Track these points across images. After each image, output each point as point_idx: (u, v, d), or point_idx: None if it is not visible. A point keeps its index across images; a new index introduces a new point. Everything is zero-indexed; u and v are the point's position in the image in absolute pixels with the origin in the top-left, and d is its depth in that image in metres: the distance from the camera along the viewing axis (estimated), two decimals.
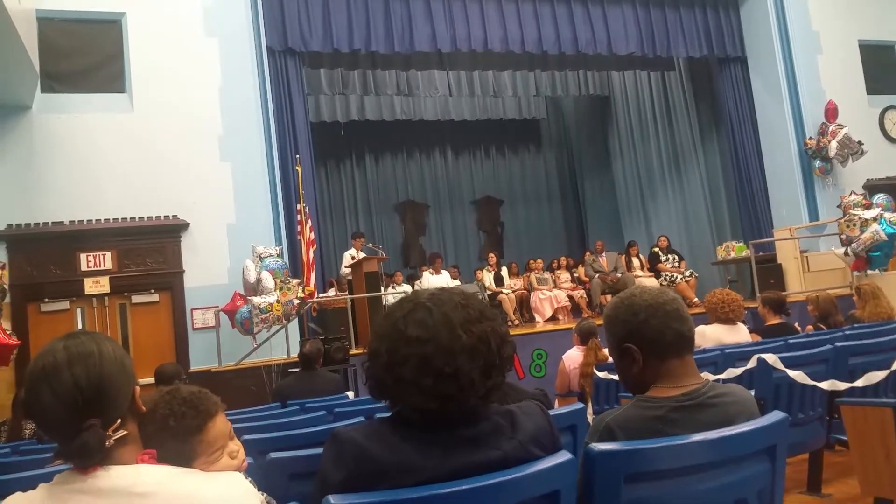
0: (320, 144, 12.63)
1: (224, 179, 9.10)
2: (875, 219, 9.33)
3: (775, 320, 5.57)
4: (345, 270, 10.60)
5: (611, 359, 5.89)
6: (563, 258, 12.86)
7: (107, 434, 1.30)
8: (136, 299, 8.75)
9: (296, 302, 8.40)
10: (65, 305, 8.48)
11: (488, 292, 11.38)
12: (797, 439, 3.76)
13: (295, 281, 8.54)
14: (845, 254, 9.43)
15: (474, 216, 16.18)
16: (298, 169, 9.30)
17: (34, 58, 7.72)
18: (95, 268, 8.58)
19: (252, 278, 8.37)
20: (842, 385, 3.74)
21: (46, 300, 8.40)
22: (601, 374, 5.21)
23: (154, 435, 1.54)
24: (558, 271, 12.23)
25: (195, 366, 8.45)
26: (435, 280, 11.27)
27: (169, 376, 4.83)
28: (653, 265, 11.83)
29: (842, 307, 6.45)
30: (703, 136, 14.08)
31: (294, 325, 8.92)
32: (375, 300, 9.22)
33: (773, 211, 12.34)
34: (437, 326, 1.44)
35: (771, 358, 3.75)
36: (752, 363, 3.92)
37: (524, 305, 11.76)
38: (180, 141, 8.94)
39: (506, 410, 1.53)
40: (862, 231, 9.32)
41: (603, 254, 11.96)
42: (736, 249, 11.59)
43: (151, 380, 5.06)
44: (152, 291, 8.82)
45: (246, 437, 2.50)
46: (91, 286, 8.52)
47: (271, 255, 8.58)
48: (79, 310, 8.54)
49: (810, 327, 6.23)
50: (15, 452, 3.89)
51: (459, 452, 1.41)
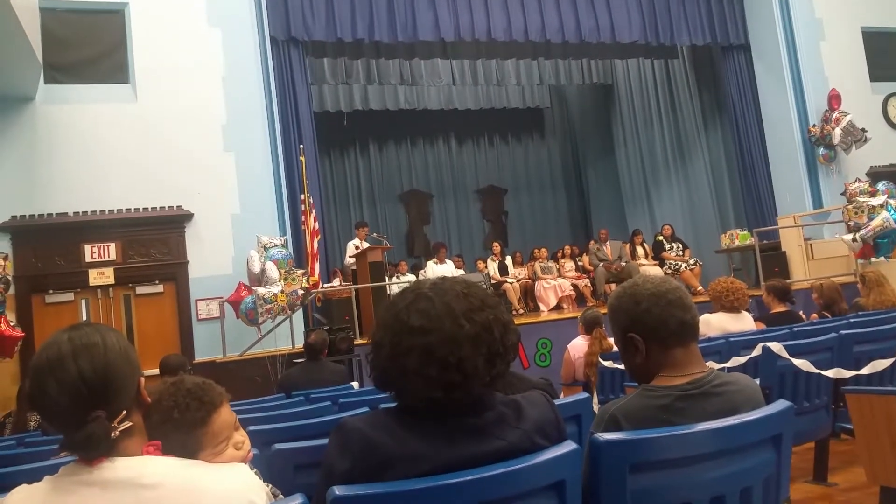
0: (324, 134, 12.63)
1: (228, 169, 9.10)
2: (882, 205, 9.31)
3: (780, 308, 5.56)
4: (349, 260, 10.61)
5: (616, 348, 5.90)
6: (568, 247, 12.84)
7: (112, 425, 1.31)
8: (141, 290, 8.77)
9: (300, 292, 8.40)
10: (69, 297, 8.51)
11: (493, 281, 11.38)
12: (803, 428, 3.76)
13: (299, 271, 8.54)
14: (853, 240, 9.40)
15: (478, 205, 16.17)
16: (302, 159, 9.30)
17: (37, 49, 7.71)
18: (100, 259, 8.59)
19: (256, 269, 8.37)
20: (847, 373, 3.73)
21: (51, 291, 8.42)
22: (606, 364, 5.21)
23: (159, 426, 1.54)
24: (562, 260, 12.22)
25: (200, 357, 8.47)
26: (439, 270, 11.26)
27: (174, 367, 4.83)
28: (657, 254, 11.81)
29: (846, 295, 6.44)
30: (707, 124, 14.03)
31: (298, 316, 8.93)
32: (380, 290, 9.22)
33: (777, 198, 12.30)
34: (440, 316, 1.43)
35: (776, 346, 3.74)
36: (757, 351, 3.92)
37: (528, 295, 11.75)
38: (184, 131, 8.94)
39: (511, 400, 1.52)
40: (870, 218, 9.30)
41: (607, 242, 11.93)
42: (740, 237, 11.56)
43: (156, 371, 5.07)
44: (157, 282, 8.83)
45: (251, 428, 2.49)
46: (95, 277, 8.53)
47: (276, 245, 8.58)
48: (83, 301, 8.56)
49: (815, 315, 6.22)
50: (20, 444, 3.91)
51: (465, 442, 1.41)
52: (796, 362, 3.69)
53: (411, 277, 10.91)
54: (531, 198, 16.48)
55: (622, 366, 5.04)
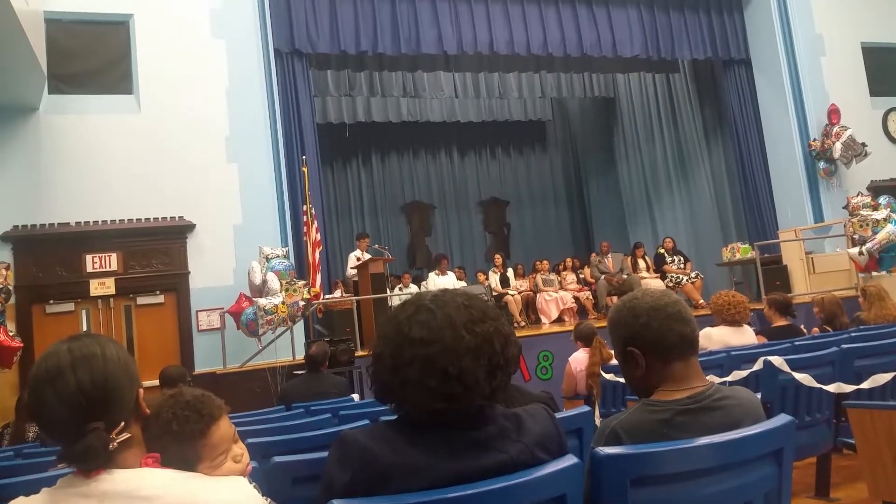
0: (327, 145, 12.67)
1: (230, 180, 9.11)
2: (886, 219, 9.33)
3: (781, 322, 5.56)
4: (350, 271, 10.60)
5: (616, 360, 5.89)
6: (569, 259, 12.84)
7: (110, 437, 1.30)
8: (142, 301, 8.76)
9: (301, 303, 8.40)
10: (70, 307, 8.50)
11: (494, 293, 11.37)
12: (804, 442, 3.73)
13: (301, 282, 8.54)
14: (860, 253, 9.41)
15: (480, 217, 16.20)
16: (305, 170, 9.32)
17: (42, 59, 7.75)
18: (101, 269, 8.59)
19: (258, 280, 8.37)
20: (848, 387, 3.72)
21: (51, 302, 8.42)
22: (608, 377, 5.19)
23: (157, 438, 1.53)
24: (564, 273, 12.22)
25: (200, 368, 8.46)
26: (440, 281, 11.26)
27: (173, 379, 4.82)
28: (658, 266, 11.80)
29: (847, 309, 6.42)
30: (708, 138, 14.06)
31: (300, 327, 8.92)
32: (381, 301, 9.21)
33: (778, 212, 12.31)
34: (441, 327, 1.43)
35: (777, 360, 3.73)
36: (758, 365, 3.90)
37: (530, 307, 11.74)
38: (187, 142, 8.96)
39: (512, 413, 1.52)
40: (874, 231, 9.32)
41: (609, 255, 11.93)
42: (741, 251, 11.56)
43: (156, 382, 5.06)
44: (157, 293, 8.83)
45: (250, 441, 2.49)
46: (96, 287, 8.53)
47: (277, 256, 8.59)
48: (84, 311, 8.56)
49: (816, 329, 6.20)
50: (18, 456, 3.89)
51: (465, 455, 1.41)
52: (798, 376, 3.68)
53: (415, 289, 10.90)
54: (533, 210, 16.50)
55: (623, 380, 5.04)
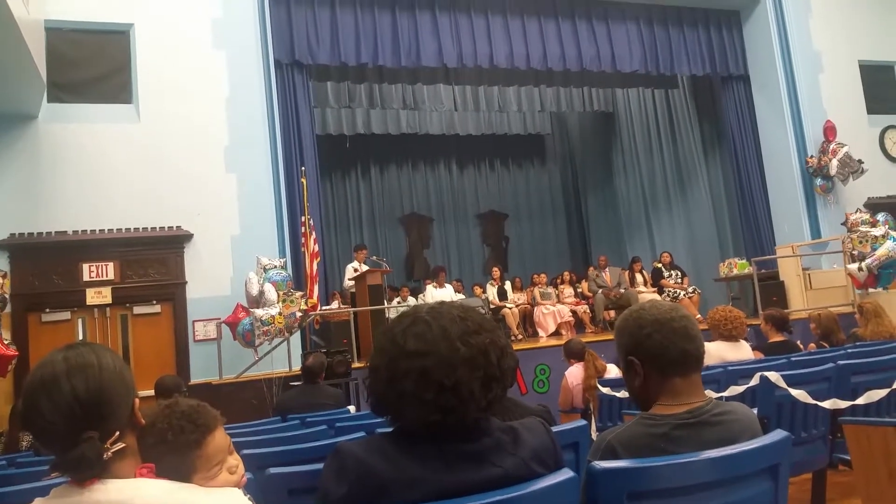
0: (326, 157, 12.68)
1: (229, 191, 9.12)
2: (884, 236, 9.37)
3: (778, 338, 5.55)
4: (348, 283, 10.59)
5: (613, 373, 5.88)
6: (567, 273, 12.84)
7: (105, 446, 1.30)
8: (138, 310, 8.74)
9: (298, 314, 8.38)
10: (66, 316, 8.47)
11: (492, 306, 11.36)
12: (800, 458, 3.73)
13: (298, 293, 8.52)
14: (859, 269, 9.42)
15: (479, 230, 16.20)
16: (304, 181, 9.33)
17: (41, 67, 7.76)
18: (98, 278, 8.58)
19: (254, 291, 8.36)
20: (844, 403, 3.71)
21: (48, 310, 8.39)
22: (605, 390, 5.18)
23: (152, 448, 1.53)
24: (562, 286, 12.22)
25: (195, 378, 8.42)
26: (438, 294, 11.25)
27: (169, 389, 4.81)
28: (656, 281, 11.81)
29: (844, 325, 6.43)
30: (707, 153, 14.11)
31: (296, 338, 8.90)
32: (378, 313, 9.20)
33: (776, 228, 12.35)
34: (436, 339, 1.43)
35: (773, 376, 3.72)
36: (755, 381, 3.90)
37: (527, 320, 11.73)
38: (186, 152, 8.97)
39: (508, 426, 1.52)
40: (874, 248, 9.35)
41: (606, 269, 11.95)
42: (738, 266, 11.57)
43: (151, 392, 5.04)
44: (154, 302, 8.81)
45: (245, 452, 2.48)
46: (93, 296, 8.51)
47: (275, 267, 8.58)
48: (80, 320, 8.53)
49: (812, 345, 6.21)
50: (11, 465, 3.87)
51: (461, 468, 1.40)
52: (794, 392, 3.68)
53: (413, 302, 10.89)
54: (531, 223, 16.52)
55: (620, 393, 5.04)
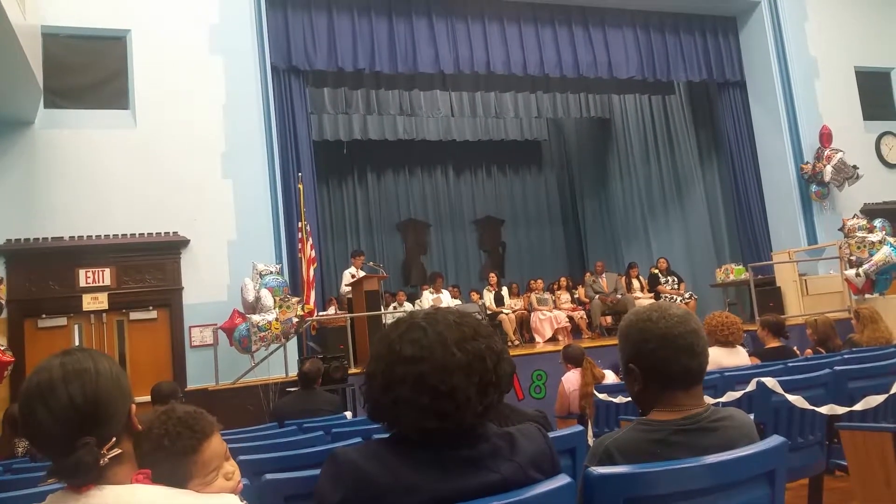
0: (323, 163, 12.69)
1: (226, 196, 9.10)
2: (881, 241, 9.39)
3: (774, 343, 5.56)
4: (345, 289, 10.59)
5: (610, 379, 5.89)
6: (564, 279, 12.86)
7: (101, 452, 1.29)
8: (134, 316, 8.72)
9: (295, 320, 8.36)
10: (62, 321, 8.44)
11: (489, 312, 11.36)
12: (797, 464, 3.73)
13: (294, 299, 8.51)
14: (857, 275, 9.44)
15: (475, 236, 16.20)
16: (300, 187, 9.32)
17: (38, 73, 7.76)
18: (94, 284, 8.55)
19: (251, 297, 8.34)
20: (840, 409, 3.72)
21: (44, 316, 8.37)
22: (601, 396, 5.19)
23: (149, 454, 1.53)
24: (558, 292, 12.23)
25: (192, 384, 8.41)
26: (435, 299, 11.26)
27: (165, 395, 4.80)
28: (652, 287, 11.83)
29: (840, 331, 6.44)
30: (703, 159, 14.14)
31: (293, 344, 8.88)
32: (375, 319, 9.19)
33: (772, 234, 12.36)
34: (432, 345, 1.43)
35: (770, 381, 3.73)
36: (752, 386, 3.90)
37: (524, 326, 11.74)
38: (183, 158, 8.95)
39: (505, 432, 1.52)
40: (871, 253, 9.37)
41: (603, 275, 11.97)
42: (735, 272, 11.59)
43: (148, 398, 5.03)
44: (150, 308, 8.79)
45: (241, 458, 2.47)
46: (89, 302, 8.49)
47: (271, 273, 8.56)
48: (76, 326, 8.50)
49: (809, 351, 6.22)
50: (7, 471, 3.85)
51: (458, 474, 1.40)
52: (791, 398, 3.68)
53: (410, 307, 10.89)
54: (528, 229, 16.53)
55: (617, 399, 5.04)
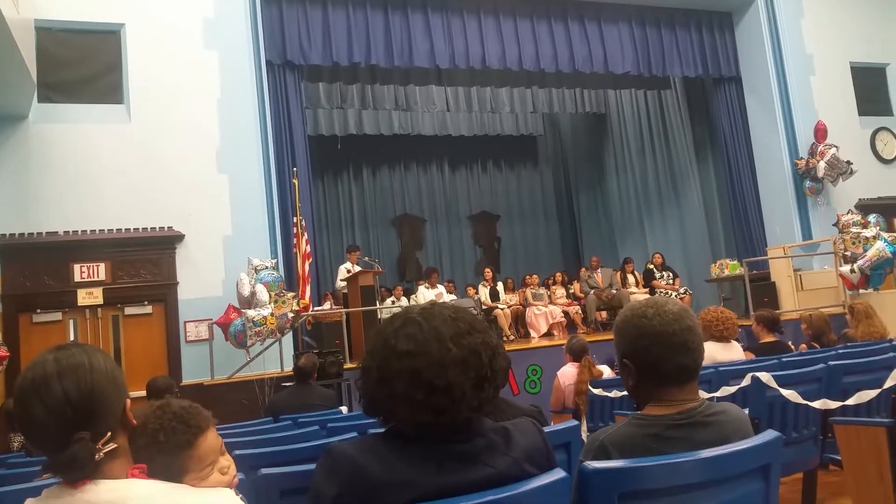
0: (318, 158, 12.67)
1: (221, 191, 9.09)
2: (875, 237, 9.42)
3: (769, 338, 5.58)
4: (340, 284, 10.58)
5: (605, 374, 5.90)
6: (559, 274, 12.87)
7: (96, 447, 1.29)
8: (130, 311, 8.70)
9: (290, 315, 8.36)
10: (57, 316, 8.43)
11: (484, 307, 11.37)
12: (791, 458, 3.74)
13: (290, 294, 8.50)
14: (852, 271, 9.47)
15: (471, 231, 16.21)
16: (295, 182, 9.31)
17: (32, 67, 7.72)
18: (89, 279, 8.53)
19: (246, 292, 8.33)
20: (834, 404, 3.73)
21: (39, 311, 8.34)
22: (596, 391, 5.19)
23: (144, 449, 1.53)
24: (554, 287, 12.24)
25: (187, 379, 8.40)
26: (430, 294, 11.26)
27: (160, 390, 4.79)
28: (647, 282, 11.84)
29: (835, 326, 6.47)
30: (699, 155, 14.15)
31: (288, 339, 8.88)
32: (370, 314, 9.19)
33: (767, 229, 12.39)
34: (428, 340, 1.44)
35: (765, 376, 3.73)
36: (746, 381, 3.91)
37: (519, 321, 11.75)
38: (178, 152, 8.93)
39: (500, 427, 1.52)
40: (865, 249, 9.40)
41: (598, 270, 11.98)
42: (730, 267, 11.60)
43: (143, 393, 5.02)
44: (146, 303, 8.77)
45: (237, 453, 2.47)
46: (84, 297, 8.47)
47: (266, 268, 8.55)
48: (71, 321, 8.48)
49: (804, 346, 6.24)
50: (2, 466, 3.85)
51: (453, 468, 1.40)
52: (785, 393, 3.69)
53: (405, 303, 10.89)
54: (523, 224, 16.54)
55: (611, 394, 5.05)
